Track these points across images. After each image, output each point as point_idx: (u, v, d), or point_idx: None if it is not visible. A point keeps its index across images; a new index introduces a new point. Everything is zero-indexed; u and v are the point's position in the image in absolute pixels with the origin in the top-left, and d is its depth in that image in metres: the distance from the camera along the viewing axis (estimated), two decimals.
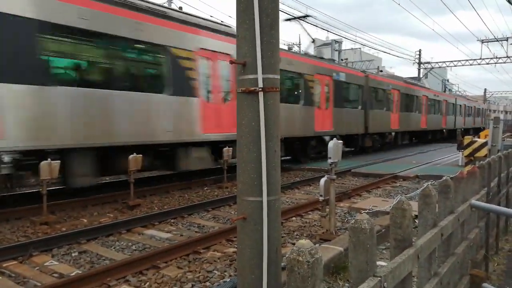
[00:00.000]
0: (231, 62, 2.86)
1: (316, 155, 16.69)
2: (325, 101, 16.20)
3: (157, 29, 9.28)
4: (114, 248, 5.79)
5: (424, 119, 26.54)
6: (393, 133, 22.96)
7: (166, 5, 19.56)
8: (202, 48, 10.37)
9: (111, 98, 8.39)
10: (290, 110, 14.09)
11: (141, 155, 8.32)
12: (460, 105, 36.40)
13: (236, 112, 2.86)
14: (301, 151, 15.83)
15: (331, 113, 16.50)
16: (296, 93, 14.79)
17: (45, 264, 5.10)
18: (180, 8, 16.65)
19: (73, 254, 5.47)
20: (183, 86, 9.94)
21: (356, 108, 18.70)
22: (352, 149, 19.82)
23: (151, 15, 9.20)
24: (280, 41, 2.95)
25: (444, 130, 32.64)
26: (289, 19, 18.75)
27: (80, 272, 4.76)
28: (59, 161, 7.03)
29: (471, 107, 41.15)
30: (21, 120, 7.06)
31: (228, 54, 10.97)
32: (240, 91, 2.80)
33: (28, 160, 7.55)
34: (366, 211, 7.16)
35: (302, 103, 14.76)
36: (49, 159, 6.92)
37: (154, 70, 9.64)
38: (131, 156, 8.17)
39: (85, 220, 7.28)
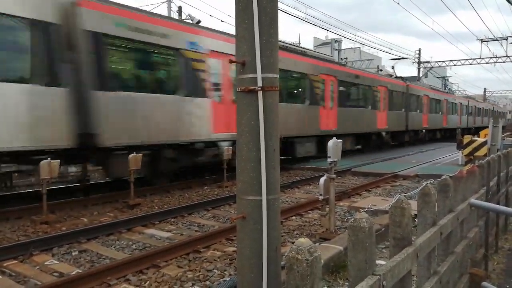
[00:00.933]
0: (231, 61, 2.86)
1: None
2: (383, 105, 21.28)
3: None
4: (114, 247, 5.80)
5: (445, 119, 32.13)
6: (423, 131, 27.65)
7: (165, 5, 19.58)
8: None
9: None
10: (367, 113, 19.35)
11: (140, 155, 8.33)
12: (471, 106, 42.12)
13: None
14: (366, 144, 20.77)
15: (386, 115, 21.56)
16: (371, 100, 19.93)
17: (45, 263, 5.11)
18: (180, 8, 16.57)
19: (73, 253, 5.48)
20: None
21: (400, 111, 23.21)
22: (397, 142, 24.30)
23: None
24: (279, 40, 2.95)
25: (459, 128, 36.52)
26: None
27: (80, 271, 4.76)
28: (58, 161, 7.04)
29: (480, 108, 47.63)
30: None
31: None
32: (239, 90, 2.80)
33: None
34: (365, 210, 7.17)
35: (370, 107, 19.91)
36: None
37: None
38: (131, 156, 8.18)
39: (86, 220, 7.29)
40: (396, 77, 26.17)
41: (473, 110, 42.47)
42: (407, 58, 34.87)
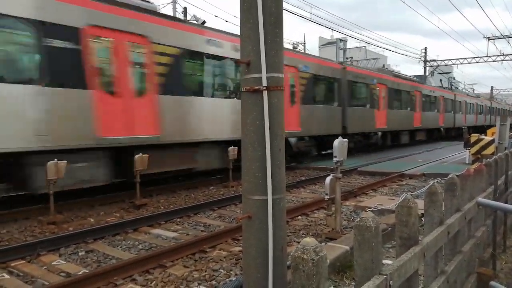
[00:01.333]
0: (237, 62, 2.86)
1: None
2: (416, 107, 24.58)
3: None
4: (121, 247, 5.82)
5: (464, 118, 35.15)
6: (442, 129, 30.74)
7: (170, 6, 19.61)
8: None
9: None
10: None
11: (147, 155, 8.36)
12: (486, 105, 44.98)
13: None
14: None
15: (420, 115, 24.93)
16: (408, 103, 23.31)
17: (52, 263, 5.14)
18: (185, 9, 16.54)
19: (80, 254, 5.51)
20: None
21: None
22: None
23: None
24: (285, 40, 2.95)
25: (485, 125, 41.45)
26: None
27: (87, 271, 4.79)
28: (65, 161, 7.07)
29: (495, 107, 50.73)
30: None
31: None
32: (244, 90, 2.80)
33: None
34: (372, 209, 7.14)
35: (408, 109, 23.33)
36: (55, 159, 6.97)
37: None
38: (137, 156, 8.22)
39: (92, 220, 7.33)
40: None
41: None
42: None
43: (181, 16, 16.75)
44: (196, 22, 11.21)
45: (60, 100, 7.60)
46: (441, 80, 39.34)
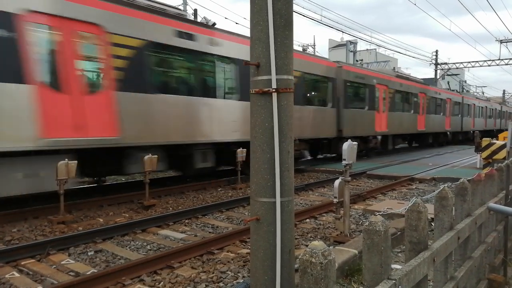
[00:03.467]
0: (245, 63, 2.86)
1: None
2: (420, 110, 23.79)
3: None
4: (129, 247, 5.85)
5: (472, 121, 35.18)
6: (448, 133, 30.36)
7: (181, 7, 19.74)
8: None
9: None
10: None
11: (156, 156, 8.40)
12: (496, 109, 45.19)
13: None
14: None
15: (424, 118, 24.13)
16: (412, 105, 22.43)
17: (62, 262, 5.18)
18: (195, 10, 16.62)
19: (89, 253, 5.55)
20: None
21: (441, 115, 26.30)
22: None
23: None
24: (294, 42, 2.95)
25: (494, 130, 42.62)
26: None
27: (96, 271, 4.82)
28: (76, 161, 7.13)
29: (505, 111, 51.85)
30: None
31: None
32: (253, 92, 2.80)
33: None
34: (381, 213, 7.08)
35: (412, 111, 22.44)
36: (65, 159, 7.02)
37: None
38: (146, 157, 8.26)
39: (101, 220, 7.38)
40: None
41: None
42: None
43: (191, 17, 16.80)
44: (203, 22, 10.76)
45: None
46: (448, 82, 38.93)
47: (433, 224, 2.96)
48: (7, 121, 6.81)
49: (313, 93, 14.90)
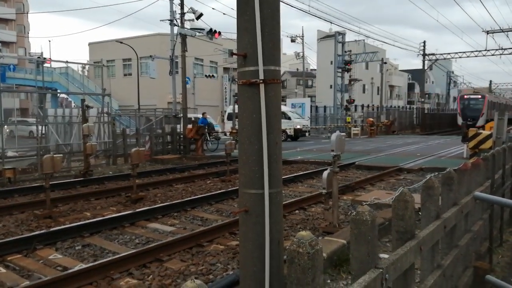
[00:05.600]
0: (232, 54, 2.83)
1: None
2: None
3: None
4: (118, 241, 5.82)
5: None
6: None
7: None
8: None
9: None
10: None
11: (144, 149, 8.34)
12: None
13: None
14: None
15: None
16: None
17: (49, 257, 5.13)
18: (182, 1, 16.42)
19: (76, 248, 5.50)
20: None
21: None
22: None
23: None
24: (282, 33, 2.93)
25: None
26: None
27: (84, 265, 4.78)
28: (61, 155, 7.03)
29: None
30: None
31: None
32: (241, 83, 2.77)
33: None
34: (368, 203, 7.14)
35: None
36: (51, 153, 6.93)
37: None
38: (133, 150, 8.19)
39: (89, 214, 7.31)
40: None
41: None
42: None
43: (177, 7, 16.60)
44: None
45: None
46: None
47: (420, 213, 2.99)
48: None
49: None
